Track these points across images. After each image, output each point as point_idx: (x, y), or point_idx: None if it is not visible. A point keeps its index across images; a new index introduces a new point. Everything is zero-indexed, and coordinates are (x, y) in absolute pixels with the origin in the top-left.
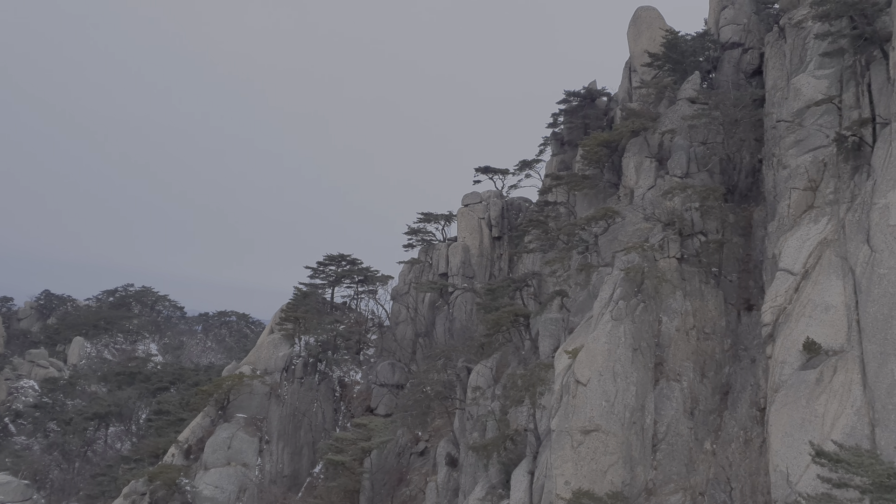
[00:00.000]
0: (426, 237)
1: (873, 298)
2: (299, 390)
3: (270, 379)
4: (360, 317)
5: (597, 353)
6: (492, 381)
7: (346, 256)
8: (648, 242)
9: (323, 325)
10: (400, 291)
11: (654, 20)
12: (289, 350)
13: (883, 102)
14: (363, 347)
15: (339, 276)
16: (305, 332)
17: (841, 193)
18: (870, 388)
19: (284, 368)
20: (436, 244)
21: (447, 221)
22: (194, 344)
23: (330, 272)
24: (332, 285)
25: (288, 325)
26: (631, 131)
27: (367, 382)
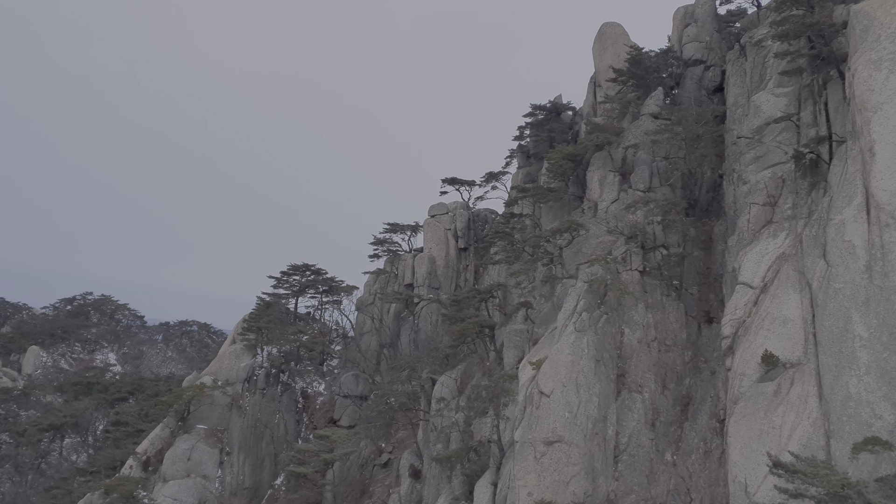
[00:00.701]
0: (392, 247)
1: (829, 312)
2: (261, 401)
3: (232, 390)
4: (324, 327)
5: (560, 365)
6: (456, 393)
7: (310, 266)
8: (611, 255)
9: (286, 336)
10: (365, 302)
11: (618, 36)
12: (251, 360)
13: (839, 121)
14: (327, 358)
15: (304, 285)
16: (268, 342)
17: (799, 209)
18: (825, 400)
19: (246, 379)
20: (402, 255)
21: (413, 232)
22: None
23: (294, 282)
24: (296, 295)
25: (250, 335)
26: (595, 145)
27: (330, 394)
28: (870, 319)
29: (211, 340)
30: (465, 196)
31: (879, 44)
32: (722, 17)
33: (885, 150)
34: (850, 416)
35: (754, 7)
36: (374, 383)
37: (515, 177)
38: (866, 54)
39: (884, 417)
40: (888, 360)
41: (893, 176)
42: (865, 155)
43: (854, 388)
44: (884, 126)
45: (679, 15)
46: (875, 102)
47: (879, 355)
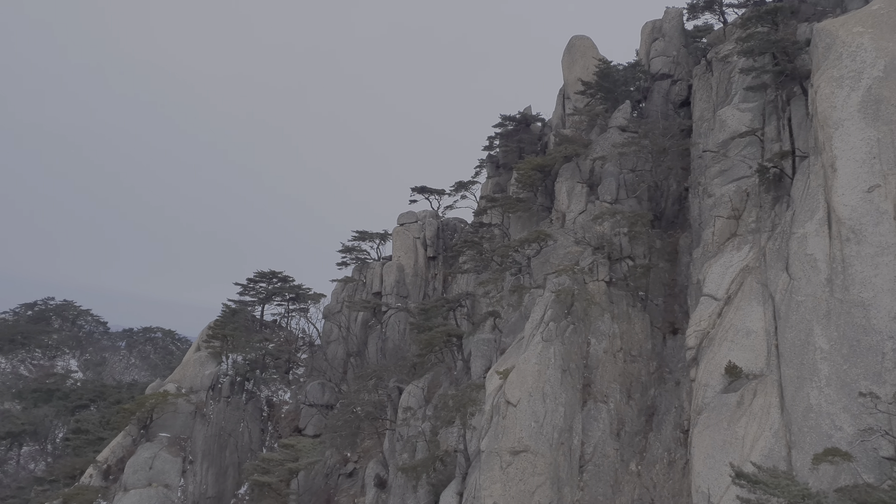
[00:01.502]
0: (361, 255)
1: (791, 324)
2: (226, 409)
3: (196, 397)
4: (291, 335)
5: (527, 374)
6: (423, 402)
7: (277, 273)
8: (579, 265)
9: (252, 343)
10: (332, 310)
11: (587, 49)
12: (216, 368)
13: (802, 136)
14: (293, 367)
15: (270, 293)
16: (233, 349)
17: (762, 222)
18: (787, 411)
19: (211, 387)
20: (370, 263)
21: (382, 240)
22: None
23: (260, 289)
24: (262, 302)
25: (215, 342)
26: (564, 157)
27: (295, 402)
28: (830, 332)
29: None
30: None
31: (841, 62)
32: (689, 32)
33: (847, 165)
34: (810, 428)
35: (721, 23)
36: (341, 392)
37: (485, 186)
38: (829, 72)
39: (843, 429)
40: (848, 372)
41: (854, 191)
42: (827, 170)
43: (815, 400)
44: (845, 142)
45: (647, 29)
46: (837, 119)
47: (839, 367)
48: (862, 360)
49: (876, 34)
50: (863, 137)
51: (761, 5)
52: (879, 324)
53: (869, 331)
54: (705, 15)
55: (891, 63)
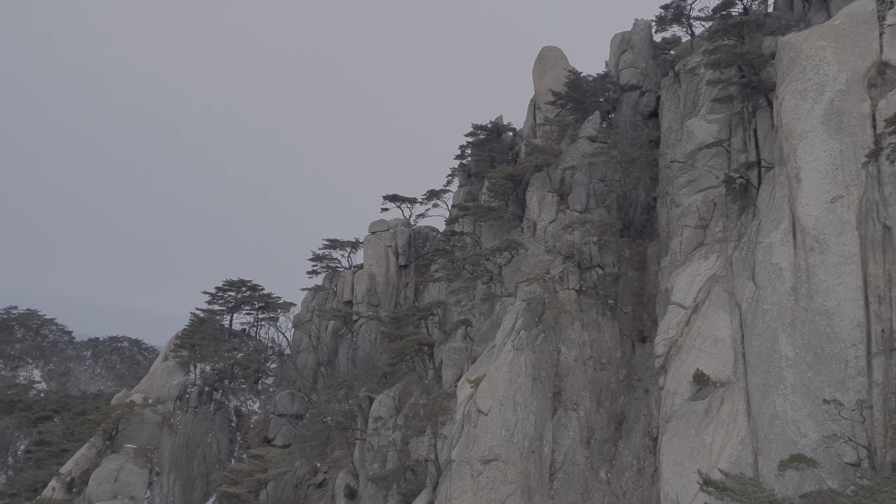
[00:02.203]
0: (331, 264)
1: (757, 333)
2: (193, 420)
3: (163, 408)
4: (260, 345)
5: (498, 383)
6: (394, 411)
7: (246, 282)
8: (549, 274)
9: (220, 353)
10: (302, 319)
11: (558, 60)
12: (183, 378)
13: (768, 147)
14: (262, 376)
15: (239, 302)
16: (201, 359)
17: (729, 232)
18: (754, 418)
19: (178, 397)
20: (341, 271)
21: (353, 248)
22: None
23: (229, 298)
24: (231, 311)
25: (183, 352)
26: (534, 166)
27: (265, 412)
28: (795, 340)
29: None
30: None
31: (805, 75)
32: (657, 44)
33: (811, 176)
34: (776, 434)
35: (688, 36)
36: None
37: (457, 195)
38: (793, 84)
39: (808, 435)
40: (812, 379)
41: (818, 201)
42: (792, 181)
43: (780, 407)
44: (809, 153)
45: (616, 41)
46: (801, 131)
47: (804, 375)
48: (826, 367)
49: (838, 48)
50: (826, 149)
51: (728, 19)
52: (843, 332)
53: (833, 339)
54: (673, 27)
55: (852, 76)
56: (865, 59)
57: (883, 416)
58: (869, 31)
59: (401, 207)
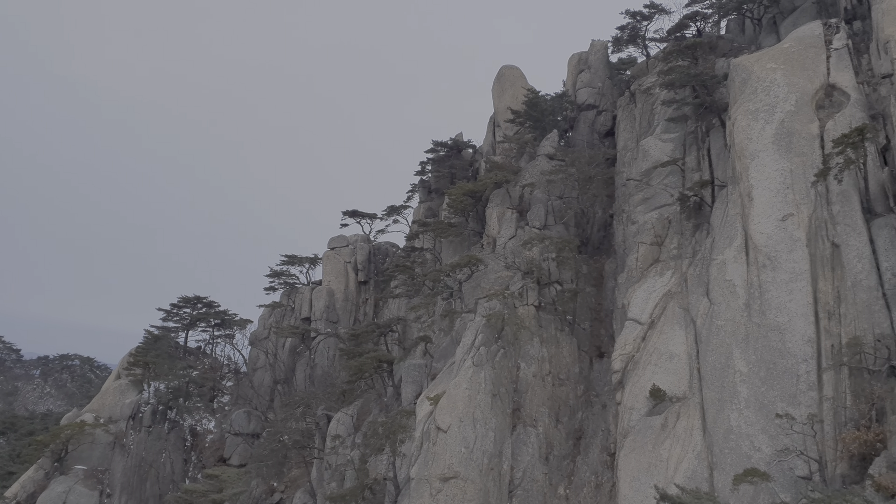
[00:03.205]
0: (289, 280)
1: (712, 348)
2: (147, 439)
3: (115, 427)
4: (216, 362)
5: (458, 400)
6: (352, 430)
7: (202, 298)
8: (509, 290)
9: (175, 371)
10: (259, 336)
11: (516, 79)
12: (137, 397)
13: (721, 166)
14: (217, 394)
15: (195, 318)
16: (156, 377)
17: (684, 249)
18: (709, 433)
19: (131, 416)
20: (299, 288)
21: (312, 264)
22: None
23: (184, 314)
24: (186, 328)
25: (137, 370)
26: (494, 183)
27: (220, 431)
28: (749, 355)
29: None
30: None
31: (756, 96)
32: (614, 64)
33: (762, 195)
34: (731, 449)
35: (644, 56)
36: (267, 420)
37: (417, 211)
38: (745, 105)
39: (762, 449)
40: (765, 394)
41: (770, 219)
42: (744, 199)
43: (735, 422)
44: (761, 172)
45: (574, 61)
46: (753, 150)
47: (758, 390)
48: (778, 382)
49: (788, 70)
50: (777, 168)
51: (682, 40)
52: (794, 347)
53: (785, 354)
54: (629, 48)
55: (801, 98)
56: (814, 82)
57: (833, 430)
58: (817, 54)
59: (360, 223)
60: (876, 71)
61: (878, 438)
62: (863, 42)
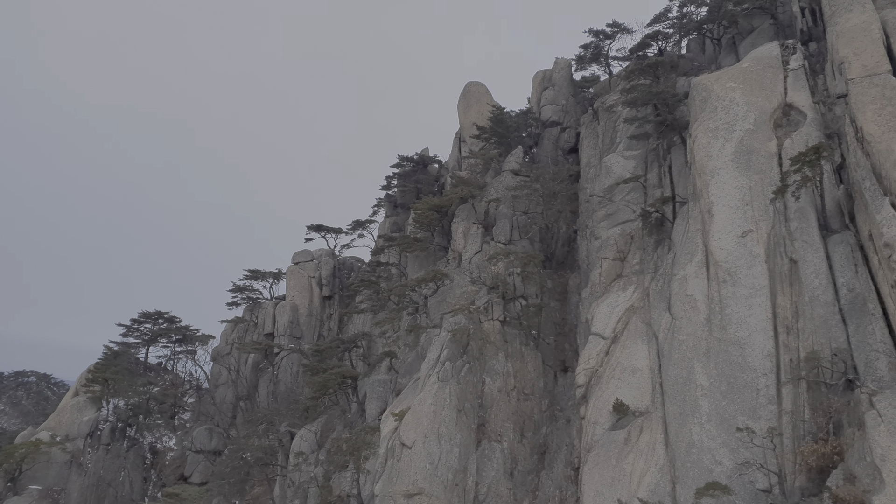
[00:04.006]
0: (252, 295)
1: (674, 362)
2: (105, 458)
3: (72, 446)
4: (177, 378)
5: (423, 415)
6: (316, 446)
7: (163, 314)
8: (474, 305)
9: (135, 388)
10: (221, 352)
11: (482, 95)
12: (95, 414)
13: (682, 183)
14: (179, 411)
15: (156, 334)
16: (115, 394)
17: (646, 264)
18: (671, 447)
19: (89, 434)
20: (263, 303)
21: (276, 279)
22: None
23: (145, 330)
24: (147, 344)
25: (95, 386)
26: (460, 198)
27: (181, 449)
28: (710, 369)
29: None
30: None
31: (716, 114)
32: (577, 82)
33: (722, 211)
34: (693, 463)
35: (606, 75)
36: (229, 437)
37: (382, 226)
38: (705, 123)
39: (723, 463)
40: (726, 408)
41: (729, 235)
42: (705, 215)
43: (697, 436)
44: (721, 189)
45: (538, 79)
46: (713, 167)
47: (719, 404)
48: (739, 396)
49: (746, 89)
50: (737, 185)
51: (643, 59)
52: (754, 361)
53: (745, 368)
54: (592, 66)
55: (760, 117)
56: (772, 101)
57: (792, 443)
58: (774, 74)
59: (325, 237)
60: (831, 91)
61: (836, 451)
62: (818, 63)
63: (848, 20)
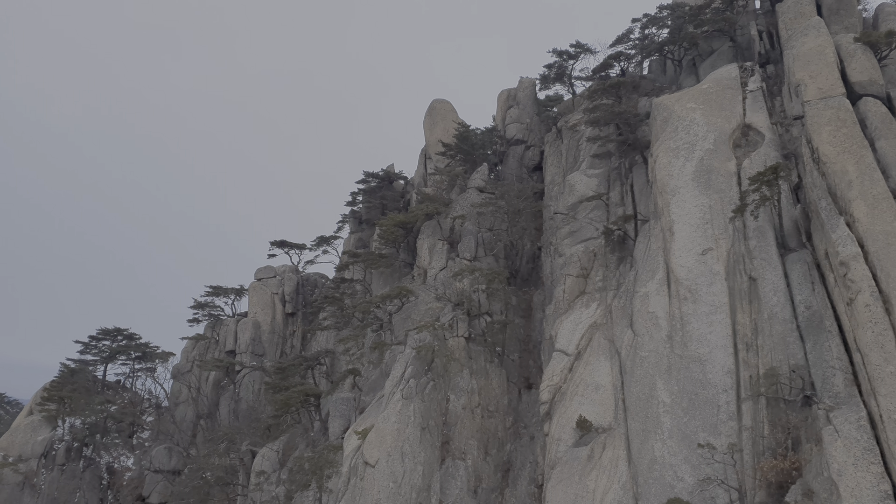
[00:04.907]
0: (214, 312)
1: (636, 379)
2: (60, 478)
3: (25, 466)
4: (136, 397)
5: (386, 434)
6: (277, 465)
7: (122, 330)
8: (439, 321)
9: (92, 406)
10: (182, 369)
11: (447, 113)
12: (50, 434)
13: (643, 202)
14: (137, 430)
15: (114, 351)
16: (71, 413)
17: (608, 281)
18: (634, 463)
19: (44, 454)
20: (224, 319)
21: (238, 296)
22: None
23: (104, 347)
24: (105, 362)
25: (51, 405)
26: (425, 214)
27: (139, 468)
28: (672, 386)
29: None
30: (294, 259)
31: (677, 134)
32: (541, 101)
33: (683, 229)
34: (655, 479)
35: (570, 94)
36: (189, 456)
37: (347, 242)
38: (666, 143)
39: (685, 479)
40: (688, 424)
41: (690, 253)
42: (666, 233)
43: (659, 452)
44: (681, 208)
45: (503, 97)
46: (674, 186)
47: (680, 420)
48: (700, 412)
49: (706, 110)
50: (697, 204)
51: (606, 79)
52: (715, 378)
53: (706, 385)
54: (556, 86)
55: (719, 137)
56: (731, 122)
57: (752, 459)
58: (733, 95)
59: (289, 253)
60: (788, 112)
61: (794, 467)
62: (776, 85)
63: (804, 44)
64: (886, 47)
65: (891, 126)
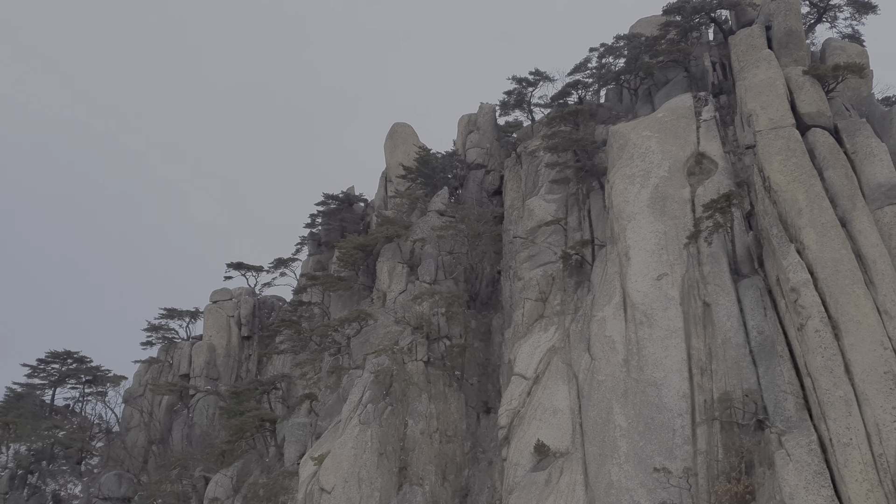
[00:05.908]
0: (168, 335)
1: (593, 403)
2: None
3: None
4: (85, 421)
5: (343, 459)
6: (232, 492)
7: (72, 353)
8: (398, 345)
9: (38, 432)
10: (134, 393)
11: (408, 136)
12: None
13: (600, 227)
14: (86, 456)
15: (64, 375)
16: (16, 439)
17: (566, 305)
18: (591, 488)
19: None
20: (178, 342)
21: (193, 318)
22: None
23: (52, 371)
24: (53, 385)
25: None
26: (385, 237)
27: (87, 496)
28: (628, 410)
29: None
30: (251, 282)
31: (633, 161)
32: (501, 127)
33: (639, 255)
34: (612, 503)
35: (529, 121)
36: (140, 483)
37: (306, 264)
38: (622, 169)
39: (641, 503)
40: (644, 448)
41: (645, 278)
42: (622, 258)
43: (615, 476)
44: (637, 234)
45: (463, 122)
46: (630, 212)
47: (636, 444)
48: (656, 436)
49: (661, 138)
50: (652, 230)
51: (564, 107)
52: (670, 402)
53: (661, 409)
54: (515, 112)
55: (674, 165)
56: (685, 150)
57: (707, 483)
58: (688, 124)
59: (245, 276)
60: (741, 141)
61: (748, 490)
62: (729, 115)
63: (755, 75)
64: (833, 80)
65: (838, 156)
